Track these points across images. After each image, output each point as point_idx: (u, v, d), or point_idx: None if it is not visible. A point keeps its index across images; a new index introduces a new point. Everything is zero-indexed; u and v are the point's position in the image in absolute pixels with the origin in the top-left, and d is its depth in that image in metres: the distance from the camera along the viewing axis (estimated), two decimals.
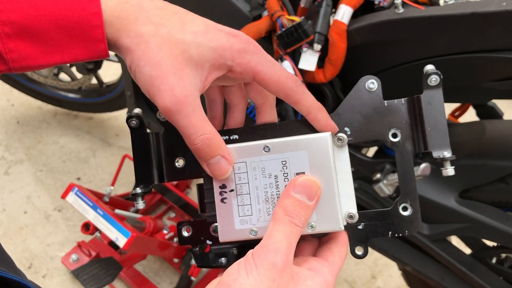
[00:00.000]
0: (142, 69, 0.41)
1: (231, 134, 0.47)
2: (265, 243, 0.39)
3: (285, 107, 0.96)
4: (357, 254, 0.46)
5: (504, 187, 0.92)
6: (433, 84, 0.45)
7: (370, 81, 0.46)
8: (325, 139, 0.44)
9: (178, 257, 1.51)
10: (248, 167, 0.44)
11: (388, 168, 1.00)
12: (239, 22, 0.95)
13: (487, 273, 1.05)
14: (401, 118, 0.45)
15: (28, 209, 1.74)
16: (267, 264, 0.38)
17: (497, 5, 0.74)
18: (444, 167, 0.45)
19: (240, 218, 0.45)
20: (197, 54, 0.42)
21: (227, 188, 0.45)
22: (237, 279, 0.37)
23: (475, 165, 0.93)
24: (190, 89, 0.41)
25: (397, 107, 0.46)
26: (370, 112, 0.46)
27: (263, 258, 0.38)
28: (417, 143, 0.45)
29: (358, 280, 1.66)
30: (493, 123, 1.00)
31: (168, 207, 1.74)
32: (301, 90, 0.44)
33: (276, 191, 0.44)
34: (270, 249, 0.39)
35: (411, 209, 0.45)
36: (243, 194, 0.45)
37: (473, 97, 0.89)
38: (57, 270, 1.58)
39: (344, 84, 0.97)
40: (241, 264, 0.39)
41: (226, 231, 0.45)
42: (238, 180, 0.44)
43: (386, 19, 0.84)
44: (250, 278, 0.37)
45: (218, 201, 0.45)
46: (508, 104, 2.07)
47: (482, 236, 1.01)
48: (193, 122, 0.41)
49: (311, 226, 0.44)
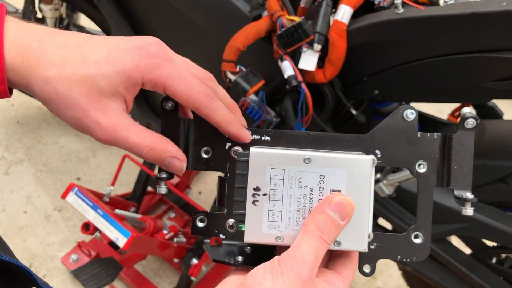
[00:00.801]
0: (65, 114, 0.42)
1: (263, 134, 0.47)
2: (292, 252, 0.40)
3: (285, 107, 0.96)
4: (365, 272, 0.48)
5: (504, 187, 0.92)
6: (470, 127, 0.47)
7: (409, 111, 0.47)
8: (367, 162, 0.45)
9: (178, 257, 1.51)
10: (285, 175, 0.45)
11: (388, 168, 1.00)
12: (239, 22, 0.95)
13: (487, 273, 1.05)
14: (431, 151, 0.47)
15: (28, 209, 1.74)
16: (293, 274, 0.39)
17: (497, 5, 0.74)
18: (464, 207, 0.48)
19: (268, 223, 0.45)
20: (106, 83, 0.42)
21: (260, 191, 0.45)
22: (262, 283, 0.38)
23: (475, 165, 0.92)
24: (115, 116, 0.43)
25: (429, 140, 0.47)
26: (403, 140, 0.47)
27: (290, 267, 0.39)
28: (441, 178, 0.48)
29: (358, 280, 1.66)
30: (493, 123, 1.00)
31: (168, 207, 1.74)
32: (213, 104, 0.45)
33: (309, 203, 0.45)
34: (298, 260, 0.40)
35: (423, 238, 0.47)
36: (276, 200, 0.45)
37: (473, 97, 0.89)
38: (57, 270, 1.58)
39: (344, 84, 0.97)
40: (267, 269, 0.40)
41: (252, 232, 0.46)
42: (273, 186, 0.45)
43: (386, 19, 0.84)
44: (276, 284, 0.38)
45: (250, 202, 0.45)
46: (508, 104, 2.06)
47: (482, 236, 1.02)
48: (132, 142, 0.43)
49: (337, 243, 0.45)
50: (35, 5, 1.53)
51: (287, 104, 0.95)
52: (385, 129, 0.47)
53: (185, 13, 1.07)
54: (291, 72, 0.88)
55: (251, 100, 0.95)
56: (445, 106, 2.42)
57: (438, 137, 0.47)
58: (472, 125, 0.47)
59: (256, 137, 0.47)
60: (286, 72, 0.89)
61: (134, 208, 1.61)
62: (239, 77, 0.92)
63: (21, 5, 1.56)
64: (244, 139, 0.46)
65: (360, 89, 0.96)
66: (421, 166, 0.47)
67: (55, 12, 1.51)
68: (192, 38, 1.12)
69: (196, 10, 1.04)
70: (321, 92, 0.95)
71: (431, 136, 0.47)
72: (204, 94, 0.44)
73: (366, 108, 1.07)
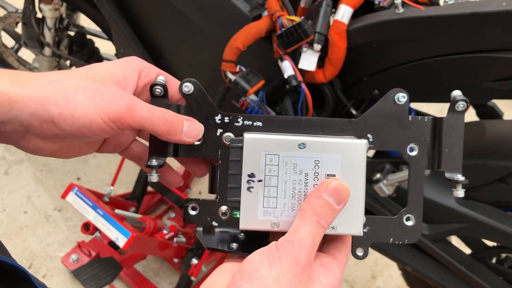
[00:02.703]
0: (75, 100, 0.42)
1: (254, 120, 0.47)
2: (290, 237, 0.40)
3: (285, 107, 0.96)
4: (358, 255, 0.48)
5: (504, 187, 0.92)
6: (460, 110, 0.47)
7: (401, 94, 0.47)
8: (361, 146, 0.45)
9: (178, 257, 1.51)
10: (280, 160, 0.45)
11: (388, 168, 1.00)
12: (239, 22, 0.95)
13: (487, 273, 1.05)
14: (422, 135, 0.47)
15: (28, 209, 1.74)
16: (291, 259, 0.38)
17: (497, 5, 0.74)
18: (456, 189, 0.47)
19: (264, 209, 0.45)
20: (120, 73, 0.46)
21: (255, 178, 0.45)
22: (259, 270, 0.38)
23: (475, 165, 0.93)
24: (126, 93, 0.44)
25: (419, 123, 0.47)
26: (394, 124, 0.47)
27: (288, 252, 0.39)
28: (431, 161, 0.48)
29: (358, 280, 1.66)
30: (493, 123, 1.00)
31: (168, 207, 1.74)
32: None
33: (305, 188, 0.45)
34: (296, 245, 0.39)
35: (415, 220, 0.48)
36: (271, 186, 0.45)
37: (473, 97, 0.89)
38: (57, 270, 1.58)
39: (344, 84, 0.97)
40: (264, 255, 0.39)
41: (247, 219, 0.46)
42: (268, 172, 0.45)
43: (386, 19, 0.84)
44: (273, 270, 0.38)
45: (244, 189, 0.45)
46: (508, 104, 2.06)
47: (482, 236, 1.02)
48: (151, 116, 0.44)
49: (332, 227, 0.45)
50: (35, 5, 1.53)
51: (287, 104, 0.95)
52: (377, 113, 0.47)
53: (185, 13, 1.07)
54: (291, 72, 0.88)
55: (251, 100, 0.95)
56: (445, 106, 2.42)
57: (429, 120, 0.47)
58: (463, 108, 0.47)
59: (248, 123, 0.47)
60: (286, 72, 0.89)
61: (134, 208, 1.61)
62: (239, 77, 0.92)
63: (21, 5, 1.56)
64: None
65: (360, 89, 0.96)
66: (412, 149, 0.47)
67: (55, 12, 1.51)
68: (192, 38, 1.12)
69: (196, 10, 1.04)
70: (321, 92, 0.95)
71: (422, 119, 0.47)
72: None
73: (366, 108, 1.07)
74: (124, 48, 1.30)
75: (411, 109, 1.05)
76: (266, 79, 0.95)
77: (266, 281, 0.37)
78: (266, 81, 0.95)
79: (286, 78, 0.89)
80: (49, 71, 1.81)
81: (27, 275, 0.42)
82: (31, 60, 1.81)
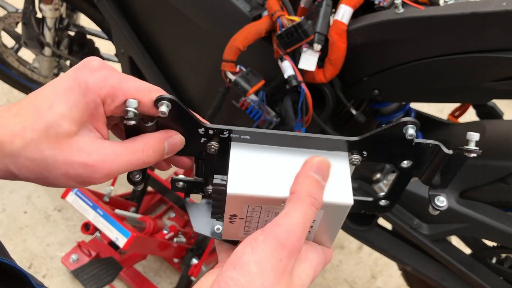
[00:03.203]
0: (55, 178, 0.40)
1: (241, 134, 0.45)
2: (279, 221, 0.38)
3: (285, 107, 0.96)
4: None
5: (504, 187, 0.92)
6: (470, 156, 0.45)
7: (411, 126, 0.44)
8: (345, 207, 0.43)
9: (178, 257, 1.51)
10: (262, 210, 0.44)
11: (388, 168, 1.00)
12: (239, 22, 0.95)
13: (487, 273, 1.05)
14: (420, 156, 0.46)
15: (28, 209, 1.74)
16: (276, 243, 0.36)
17: (497, 5, 0.74)
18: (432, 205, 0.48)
19: (244, 232, 0.46)
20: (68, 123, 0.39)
21: (237, 217, 0.45)
22: (242, 256, 0.36)
23: (475, 165, 0.93)
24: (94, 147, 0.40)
25: (422, 147, 0.46)
26: (395, 145, 0.46)
27: (273, 236, 0.37)
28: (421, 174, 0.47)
29: (358, 280, 1.66)
30: (493, 123, 1.00)
31: (168, 207, 1.74)
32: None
33: None
34: (283, 230, 0.37)
35: (389, 203, 0.51)
36: (252, 222, 0.45)
37: (473, 97, 0.90)
38: (57, 270, 1.58)
39: (344, 84, 0.97)
40: (246, 242, 0.37)
41: (229, 235, 0.47)
42: (250, 215, 0.44)
43: (386, 19, 0.84)
44: (255, 254, 0.36)
45: (227, 220, 0.45)
46: (508, 104, 2.06)
47: (482, 236, 1.02)
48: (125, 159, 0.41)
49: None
50: (35, 5, 1.53)
51: (287, 104, 0.95)
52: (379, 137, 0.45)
53: (185, 13, 1.07)
54: (291, 72, 0.88)
55: (251, 100, 0.95)
56: (445, 106, 2.42)
57: (433, 146, 0.46)
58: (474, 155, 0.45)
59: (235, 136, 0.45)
60: (286, 72, 0.89)
61: (134, 208, 1.61)
62: (239, 77, 0.92)
63: (21, 5, 1.56)
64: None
65: (360, 89, 0.96)
66: (406, 162, 0.47)
67: (55, 12, 1.51)
68: (192, 38, 1.12)
69: (196, 10, 1.04)
70: (321, 92, 0.95)
71: (426, 145, 0.46)
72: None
73: (366, 108, 1.07)
74: (124, 48, 1.30)
75: (411, 109, 1.05)
76: (266, 79, 0.95)
77: (249, 267, 0.35)
78: (266, 81, 0.95)
79: (286, 78, 0.89)
80: (49, 72, 1.82)
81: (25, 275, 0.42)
82: (31, 60, 1.81)
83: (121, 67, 1.46)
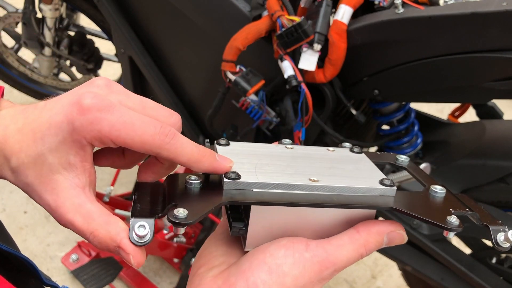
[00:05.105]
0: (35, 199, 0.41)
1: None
2: (328, 248, 0.39)
3: (285, 107, 0.96)
4: None
5: (504, 187, 0.92)
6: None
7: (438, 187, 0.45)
8: None
9: (178, 257, 1.51)
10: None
11: (388, 168, 1.00)
12: (239, 22, 0.95)
13: (487, 273, 1.05)
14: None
15: (28, 209, 1.74)
16: (318, 267, 0.38)
17: (497, 5, 0.74)
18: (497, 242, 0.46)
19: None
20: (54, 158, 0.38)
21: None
22: (281, 266, 0.38)
23: (475, 165, 0.93)
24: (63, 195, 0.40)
25: None
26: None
27: (317, 259, 0.38)
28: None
29: (358, 280, 1.66)
30: (493, 123, 1.00)
31: None
32: (175, 145, 0.38)
33: None
34: (330, 259, 0.39)
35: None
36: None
37: (473, 97, 0.90)
38: (57, 270, 1.58)
39: (344, 84, 0.97)
40: (289, 251, 0.38)
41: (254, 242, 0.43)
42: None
43: (386, 19, 0.84)
44: (295, 269, 0.37)
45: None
46: (508, 104, 2.06)
47: (482, 236, 1.02)
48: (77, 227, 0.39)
49: None
50: (35, 5, 1.53)
51: (287, 104, 0.95)
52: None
53: (185, 13, 1.07)
54: (291, 72, 0.88)
55: (251, 100, 0.95)
56: (445, 106, 2.42)
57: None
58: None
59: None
60: (286, 72, 0.89)
61: None
62: (239, 77, 0.92)
63: (21, 5, 1.56)
64: (221, 170, 0.40)
65: (360, 89, 0.96)
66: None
67: (55, 12, 1.51)
68: (192, 38, 1.12)
69: (196, 10, 1.04)
70: (321, 92, 0.95)
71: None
72: (162, 134, 0.37)
73: (366, 108, 1.07)
74: (124, 48, 1.30)
75: (411, 109, 1.05)
76: (266, 79, 0.95)
77: (285, 279, 0.37)
78: (266, 81, 0.95)
79: (286, 78, 0.89)
80: (49, 73, 1.81)
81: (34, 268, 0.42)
82: (31, 60, 1.81)
83: (121, 67, 1.46)
